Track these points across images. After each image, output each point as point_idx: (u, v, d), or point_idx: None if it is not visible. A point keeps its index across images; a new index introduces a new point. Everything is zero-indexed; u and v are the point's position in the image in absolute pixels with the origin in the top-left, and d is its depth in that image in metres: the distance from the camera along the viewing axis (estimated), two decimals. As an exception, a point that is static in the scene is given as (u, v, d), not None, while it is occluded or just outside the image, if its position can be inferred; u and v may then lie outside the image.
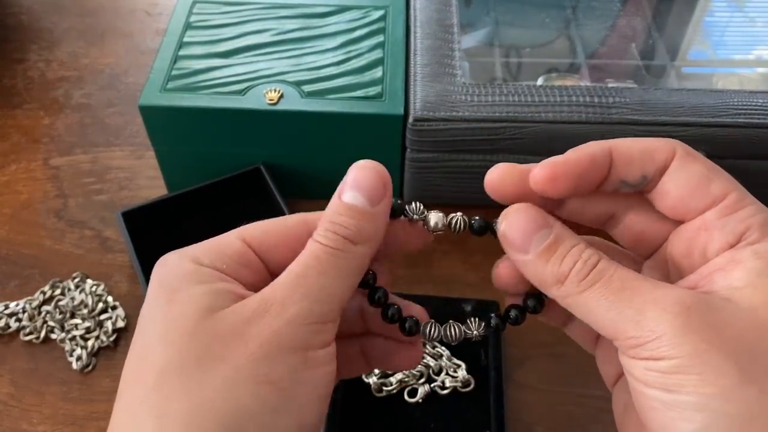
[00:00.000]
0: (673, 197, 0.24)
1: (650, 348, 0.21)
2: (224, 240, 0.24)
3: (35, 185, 0.57)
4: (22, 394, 0.45)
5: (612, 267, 0.23)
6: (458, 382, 0.44)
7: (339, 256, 0.23)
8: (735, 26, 0.64)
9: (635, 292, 0.22)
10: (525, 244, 0.24)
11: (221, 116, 0.49)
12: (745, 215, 0.23)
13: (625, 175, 0.25)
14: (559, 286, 0.23)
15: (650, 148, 0.24)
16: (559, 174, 0.24)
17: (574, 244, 0.23)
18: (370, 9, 0.58)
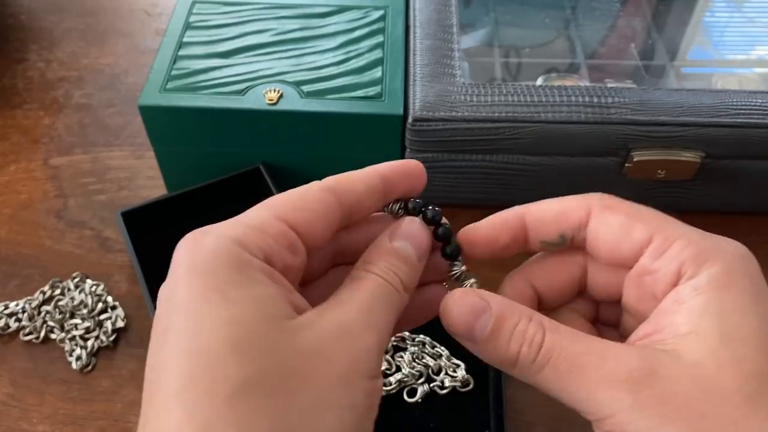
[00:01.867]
0: (604, 249, 0.25)
1: (610, 423, 0.22)
2: (262, 219, 0.23)
3: (35, 185, 0.57)
4: (22, 394, 0.45)
5: (558, 344, 0.23)
6: (458, 381, 0.44)
7: (395, 295, 0.24)
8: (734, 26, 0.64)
9: (583, 372, 0.22)
10: (470, 334, 0.24)
11: (221, 116, 0.50)
12: (675, 252, 0.23)
13: (543, 235, 0.26)
14: (513, 368, 0.24)
15: (564, 209, 0.26)
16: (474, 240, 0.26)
17: (515, 323, 0.24)
18: (369, 9, 0.58)
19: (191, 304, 0.21)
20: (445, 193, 0.53)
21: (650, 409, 0.21)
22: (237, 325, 0.20)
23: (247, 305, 0.21)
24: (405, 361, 0.45)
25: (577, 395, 0.23)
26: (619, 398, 0.21)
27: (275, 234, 0.23)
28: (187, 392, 0.19)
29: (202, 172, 0.52)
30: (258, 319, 0.21)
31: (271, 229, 0.23)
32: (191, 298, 0.21)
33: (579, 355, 0.23)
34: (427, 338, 0.46)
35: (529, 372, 0.23)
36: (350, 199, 0.25)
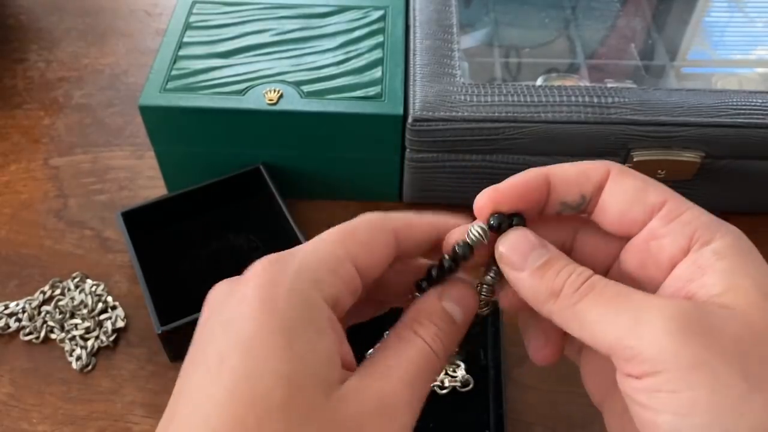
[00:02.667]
0: (614, 212, 0.25)
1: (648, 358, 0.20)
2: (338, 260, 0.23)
3: (35, 185, 0.57)
4: (22, 394, 0.45)
5: (605, 280, 0.23)
6: (457, 381, 0.44)
7: (437, 363, 0.24)
8: (734, 26, 0.64)
9: (629, 300, 0.22)
10: (522, 262, 0.24)
11: (221, 116, 0.50)
12: (688, 218, 0.23)
13: (564, 196, 0.25)
14: (554, 300, 0.23)
15: (585, 170, 0.25)
16: (499, 200, 0.25)
17: (567, 262, 0.24)
18: (369, 9, 0.58)
19: (254, 343, 0.21)
20: (445, 193, 0.53)
21: (698, 339, 0.20)
22: (292, 384, 0.20)
23: (306, 364, 0.21)
24: (405, 361, 0.45)
25: (619, 320, 0.21)
26: (666, 323, 0.20)
27: (347, 279, 0.23)
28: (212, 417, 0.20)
29: (202, 172, 0.52)
30: (310, 382, 0.21)
31: (344, 272, 0.23)
32: (256, 337, 0.21)
33: (626, 289, 0.22)
34: (427, 338, 0.46)
35: (571, 300, 0.23)
36: (408, 244, 0.26)
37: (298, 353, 0.21)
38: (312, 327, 0.21)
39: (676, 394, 0.20)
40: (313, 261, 0.23)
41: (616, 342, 0.21)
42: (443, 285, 0.26)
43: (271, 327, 0.21)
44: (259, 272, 0.22)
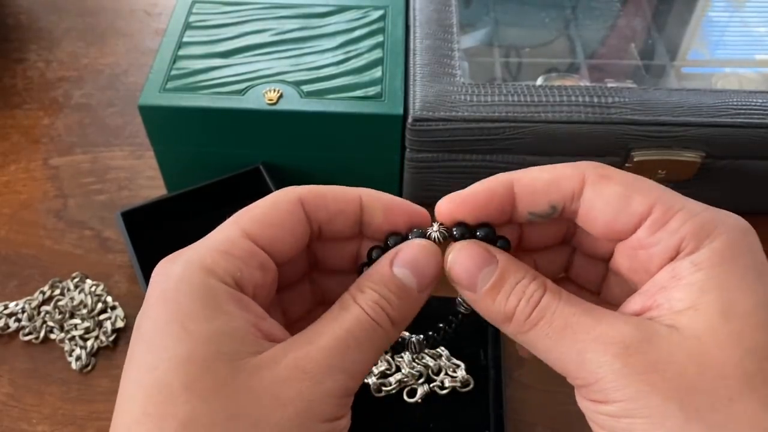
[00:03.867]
0: (599, 224, 0.24)
1: (595, 390, 0.21)
2: (231, 240, 0.23)
3: (35, 185, 0.57)
4: (22, 394, 0.45)
5: (554, 303, 0.23)
6: (457, 382, 0.44)
7: (379, 332, 0.23)
8: (734, 26, 0.64)
9: (576, 332, 0.22)
10: (472, 283, 0.24)
11: (221, 116, 0.49)
12: (676, 226, 0.22)
13: (531, 206, 0.24)
14: (507, 324, 0.23)
15: (556, 178, 0.24)
16: (460, 208, 0.24)
17: (519, 279, 0.23)
18: (369, 9, 0.58)
19: (152, 335, 0.21)
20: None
21: (640, 375, 0.20)
22: (192, 364, 0.20)
23: (205, 342, 0.21)
24: (405, 361, 0.45)
25: (567, 355, 0.22)
26: (608, 361, 0.21)
27: (244, 255, 0.23)
28: (139, 425, 0.20)
29: (202, 172, 0.52)
30: (214, 358, 0.20)
31: (240, 250, 0.23)
32: (153, 329, 0.21)
33: (574, 315, 0.22)
34: (427, 338, 0.46)
35: (523, 328, 0.23)
36: (321, 214, 0.24)
37: (195, 335, 0.21)
38: (208, 309, 0.21)
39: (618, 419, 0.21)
40: (202, 248, 0.23)
41: (568, 372, 0.22)
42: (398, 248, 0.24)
43: (165, 318, 0.21)
44: (154, 272, 0.23)
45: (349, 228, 0.25)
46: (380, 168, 0.53)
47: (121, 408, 0.21)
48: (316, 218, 0.24)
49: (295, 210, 0.24)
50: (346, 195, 0.25)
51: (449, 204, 0.24)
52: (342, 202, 0.25)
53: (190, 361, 0.20)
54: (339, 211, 0.25)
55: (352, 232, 0.26)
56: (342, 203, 0.25)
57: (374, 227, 0.25)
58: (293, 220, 0.24)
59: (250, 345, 0.21)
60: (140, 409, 0.20)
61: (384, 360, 0.45)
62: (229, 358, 0.21)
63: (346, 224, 0.25)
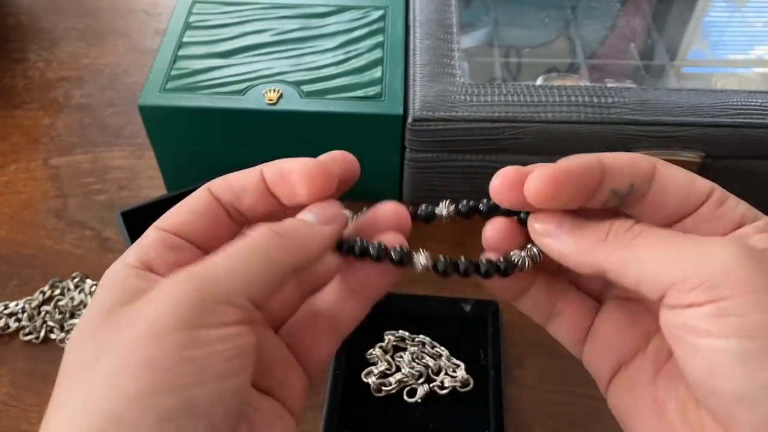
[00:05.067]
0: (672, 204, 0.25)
1: (717, 285, 0.20)
2: (144, 236, 0.25)
3: (35, 185, 0.57)
4: (22, 394, 0.45)
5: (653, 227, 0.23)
6: (457, 381, 0.44)
7: (257, 241, 0.23)
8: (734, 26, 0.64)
9: (689, 237, 0.22)
10: (559, 226, 0.24)
11: (221, 116, 0.49)
12: (734, 204, 0.24)
13: (616, 183, 0.24)
14: (602, 243, 0.23)
15: (635, 160, 0.25)
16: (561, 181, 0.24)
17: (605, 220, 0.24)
18: (369, 9, 0.58)
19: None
20: (444, 193, 0.53)
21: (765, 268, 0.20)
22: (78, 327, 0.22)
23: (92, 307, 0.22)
24: (405, 361, 0.45)
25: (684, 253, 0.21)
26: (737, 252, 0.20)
27: (150, 243, 0.24)
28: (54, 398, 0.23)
29: (202, 172, 0.52)
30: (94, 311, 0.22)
31: (147, 239, 0.24)
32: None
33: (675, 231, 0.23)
34: (427, 338, 0.46)
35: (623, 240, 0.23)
36: (227, 194, 0.26)
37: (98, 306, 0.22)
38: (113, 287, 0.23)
39: (746, 317, 0.19)
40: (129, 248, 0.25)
41: (680, 274, 0.21)
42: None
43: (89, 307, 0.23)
44: None
45: (262, 201, 0.26)
46: (380, 168, 0.53)
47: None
48: (225, 199, 0.26)
49: (202, 196, 0.25)
50: (247, 172, 0.26)
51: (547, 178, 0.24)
52: (243, 178, 0.26)
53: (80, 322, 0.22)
54: (241, 187, 0.26)
55: (267, 204, 0.26)
56: (243, 179, 0.26)
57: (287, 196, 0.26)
58: (201, 204, 0.25)
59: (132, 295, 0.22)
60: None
61: (384, 360, 0.45)
62: (108, 310, 0.22)
63: (255, 198, 0.26)
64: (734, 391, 0.20)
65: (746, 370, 0.19)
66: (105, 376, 0.20)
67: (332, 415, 0.42)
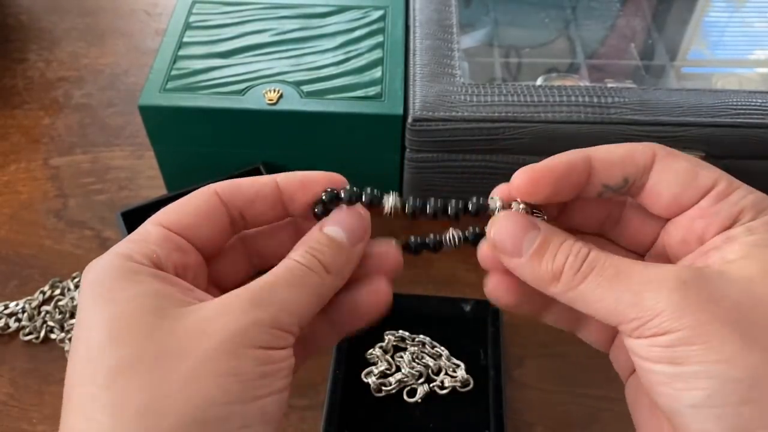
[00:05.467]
0: (667, 196, 0.25)
1: (652, 326, 0.22)
2: (145, 230, 0.25)
3: (35, 185, 0.57)
4: (22, 394, 0.45)
5: (603, 256, 0.23)
6: (457, 381, 0.44)
7: (311, 276, 0.24)
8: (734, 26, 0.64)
9: (629, 276, 0.23)
10: (516, 248, 0.24)
11: (221, 116, 0.49)
12: (736, 198, 0.24)
13: (606, 178, 0.25)
14: (555, 283, 0.24)
15: (630, 152, 0.25)
16: (538, 178, 0.25)
17: (562, 240, 0.24)
18: (369, 9, 0.58)
19: (83, 314, 0.23)
20: (444, 193, 0.53)
21: (699, 305, 0.21)
22: (115, 320, 0.22)
23: (127, 302, 0.22)
24: (405, 361, 0.45)
25: (622, 299, 0.22)
26: (666, 294, 0.21)
27: (156, 240, 0.24)
28: (76, 387, 0.22)
29: (202, 172, 0.52)
30: (137, 312, 0.22)
31: (152, 237, 0.24)
32: (83, 309, 0.23)
33: (624, 264, 0.23)
34: (426, 338, 0.46)
35: (573, 283, 0.23)
36: (237, 200, 0.26)
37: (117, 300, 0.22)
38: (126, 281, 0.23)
39: (674, 348, 0.21)
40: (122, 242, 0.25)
41: (623, 317, 0.22)
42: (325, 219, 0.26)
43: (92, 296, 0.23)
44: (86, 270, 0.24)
45: (272, 209, 0.26)
46: (380, 168, 0.53)
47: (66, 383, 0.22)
48: (234, 204, 0.26)
49: (209, 199, 0.25)
50: (260, 179, 0.26)
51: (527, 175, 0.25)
52: (257, 185, 0.26)
53: (114, 318, 0.22)
54: (254, 193, 0.26)
55: (277, 213, 0.27)
56: (257, 186, 0.26)
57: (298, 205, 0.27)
58: (207, 207, 0.25)
59: (176, 302, 0.22)
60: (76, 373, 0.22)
61: (384, 360, 0.45)
62: (154, 310, 0.22)
63: (266, 205, 0.26)
64: (667, 407, 0.22)
65: (673, 391, 0.22)
66: (186, 381, 0.21)
67: (332, 415, 0.42)
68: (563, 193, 0.25)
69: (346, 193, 0.26)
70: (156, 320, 0.22)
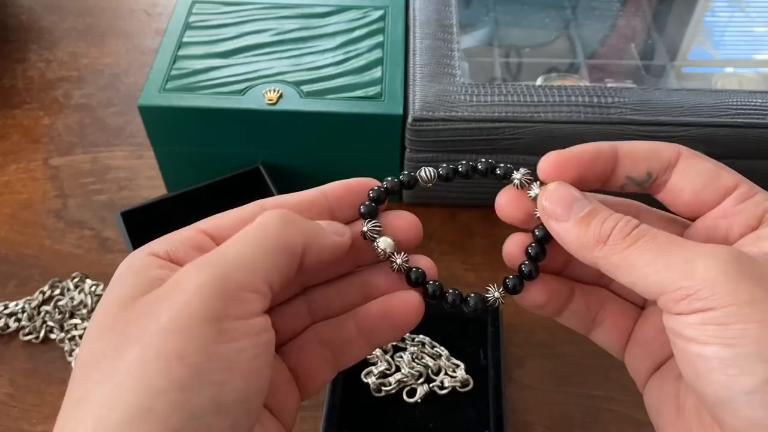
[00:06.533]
0: (688, 193, 0.25)
1: (702, 296, 0.21)
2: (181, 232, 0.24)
3: (35, 185, 0.57)
4: (22, 394, 0.45)
5: (654, 229, 0.23)
6: (457, 382, 0.44)
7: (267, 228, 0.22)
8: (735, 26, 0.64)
9: (682, 246, 0.22)
10: (566, 213, 0.24)
11: (221, 116, 0.49)
12: (760, 200, 0.24)
13: (631, 171, 0.25)
14: (601, 246, 0.23)
15: (656, 148, 0.25)
16: (564, 164, 0.25)
17: (612, 212, 0.24)
18: (369, 9, 0.58)
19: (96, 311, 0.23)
20: (444, 193, 0.53)
21: (754, 279, 0.20)
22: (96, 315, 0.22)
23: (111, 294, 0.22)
24: (404, 361, 0.45)
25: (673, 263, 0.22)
26: (721, 265, 0.21)
27: (183, 238, 0.24)
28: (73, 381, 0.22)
29: (202, 172, 0.52)
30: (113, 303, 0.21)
31: (181, 235, 0.24)
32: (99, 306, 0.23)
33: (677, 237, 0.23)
34: (426, 338, 0.46)
35: (621, 245, 0.23)
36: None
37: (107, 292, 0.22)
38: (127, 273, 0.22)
39: (727, 326, 0.20)
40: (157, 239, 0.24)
41: (670, 284, 0.21)
42: None
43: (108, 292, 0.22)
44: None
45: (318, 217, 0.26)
46: (380, 168, 0.53)
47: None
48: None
49: (254, 208, 0.25)
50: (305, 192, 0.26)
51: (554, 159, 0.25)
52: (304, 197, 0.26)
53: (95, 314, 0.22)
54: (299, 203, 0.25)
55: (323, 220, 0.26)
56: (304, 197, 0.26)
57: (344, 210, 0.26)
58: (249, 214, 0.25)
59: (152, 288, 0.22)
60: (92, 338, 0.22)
61: (384, 360, 0.45)
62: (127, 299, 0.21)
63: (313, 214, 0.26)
64: (716, 395, 0.21)
65: (725, 376, 0.20)
66: (132, 369, 0.19)
67: (332, 415, 0.42)
68: (588, 181, 0.25)
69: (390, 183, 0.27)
70: (124, 307, 0.21)
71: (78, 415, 0.20)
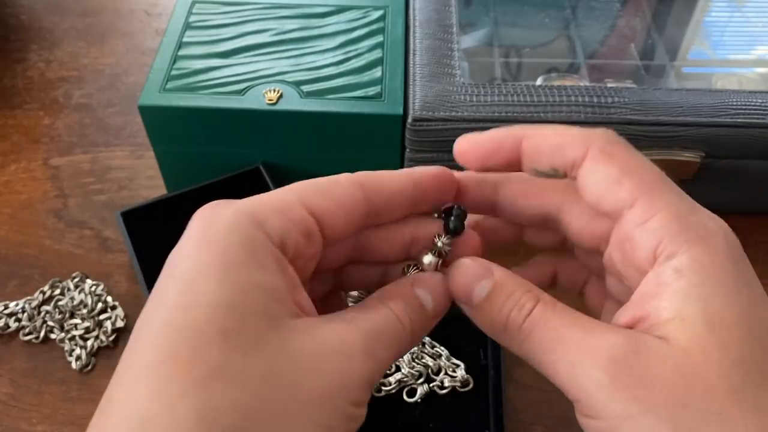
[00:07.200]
0: (589, 198, 0.24)
1: (586, 406, 0.21)
2: (286, 201, 0.22)
3: (35, 185, 0.57)
4: (21, 394, 0.45)
5: (547, 313, 0.23)
6: (457, 381, 0.44)
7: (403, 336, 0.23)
8: (734, 26, 0.64)
9: (566, 342, 0.22)
10: (467, 298, 0.25)
11: (221, 116, 0.49)
12: (656, 225, 0.22)
13: (535, 164, 0.25)
14: (504, 334, 0.24)
15: (562, 144, 0.24)
16: (467, 149, 0.26)
17: (512, 291, 0.24)
18: (369, 9, 0.58)
19: (192, 275, 0.20)
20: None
21: (628, 391, 0.20)
22: (231, 312, 0.19)
23: (248, 293, 0.20)
24: (404, 361, 0.45)
25: (559, 368, 0.22)
26: (596, 375, 0.21)
27: (295, 219, 0.22)
28: (163, 366, 0.19)
29: (202, 172, 0.52)
30: (255, 311, 0.20)
31: (292, 213, 0.22)
32: (192, 270, 0.20)
33: (564, 326, 0.22)
34: (426, 338, 0.46)
35: (517, 338, 0.23)
36: (379, 197, 0.24)
37: (237, 284, 0.20)
38: (252, 261, 0.20)
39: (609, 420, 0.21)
40: (255, 202, 0.22)
41: (561, 386, 0.22)
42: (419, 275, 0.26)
43: (207, 260, 0.20)
44: (198, 215, 0.22)
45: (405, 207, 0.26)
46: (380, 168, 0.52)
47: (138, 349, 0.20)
48: (374, 199, 0.24)
49: (352, 189, 0.24)
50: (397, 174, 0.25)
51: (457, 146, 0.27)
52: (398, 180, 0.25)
53: (229, 309, 0.19)
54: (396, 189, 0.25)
55: (407, 210, 0.26)
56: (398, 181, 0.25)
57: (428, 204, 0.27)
58: (352, 199, 0.24)
59: (284, 307, 0.21)
60: (166, 348, 0.19)
61: (384, 360, 0.45)
62: (268, 315, 0.20)
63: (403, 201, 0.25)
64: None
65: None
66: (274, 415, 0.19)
67: (332, 415, 0.42)
68: (494, 168, 0.26)
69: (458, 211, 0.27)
70: (270, 329, 0.20)
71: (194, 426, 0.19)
